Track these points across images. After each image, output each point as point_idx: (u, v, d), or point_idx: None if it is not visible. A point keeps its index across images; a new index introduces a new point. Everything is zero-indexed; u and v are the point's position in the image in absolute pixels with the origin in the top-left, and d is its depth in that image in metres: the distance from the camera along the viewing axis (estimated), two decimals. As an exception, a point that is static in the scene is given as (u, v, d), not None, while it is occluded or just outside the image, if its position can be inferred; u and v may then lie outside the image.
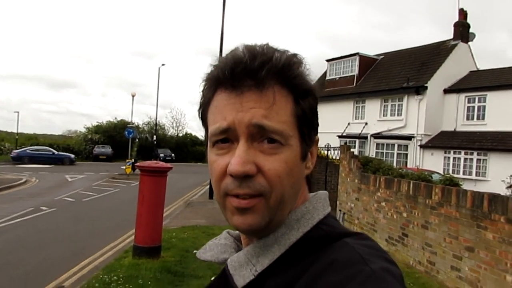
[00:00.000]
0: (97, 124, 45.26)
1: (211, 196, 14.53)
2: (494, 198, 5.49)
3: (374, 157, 14.47)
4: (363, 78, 26.34)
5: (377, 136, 23.60)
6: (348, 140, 24.26)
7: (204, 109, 0.75)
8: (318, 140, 0.78)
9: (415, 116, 21.58)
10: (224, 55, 0.73)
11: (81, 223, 10.56)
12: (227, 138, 0.69)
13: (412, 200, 7.45)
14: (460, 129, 20.94)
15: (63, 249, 7.92)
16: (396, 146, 22.63)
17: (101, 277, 5.80)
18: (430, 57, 23.14)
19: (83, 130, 45.56)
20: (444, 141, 20.86)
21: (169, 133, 50.24)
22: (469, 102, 21.00)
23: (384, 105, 23.76)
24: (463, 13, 23.47)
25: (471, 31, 23.53)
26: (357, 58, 26.69)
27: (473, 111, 20.78)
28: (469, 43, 23.47)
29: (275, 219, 0.69)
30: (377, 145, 23.68)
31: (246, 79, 0.67)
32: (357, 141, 24.38)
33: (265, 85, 0.67)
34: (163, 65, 54.19)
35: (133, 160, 25.94)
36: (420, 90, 21.36)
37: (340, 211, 10.85)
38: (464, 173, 19.29)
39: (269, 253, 0.70)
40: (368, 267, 0.59)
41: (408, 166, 19.40)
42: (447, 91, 21.78)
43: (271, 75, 0.68)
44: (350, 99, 25.80)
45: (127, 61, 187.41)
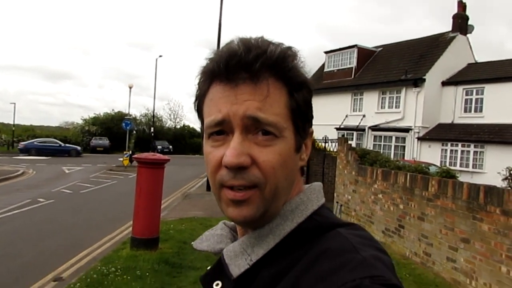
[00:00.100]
0: (94, 115, 45.20)
1: (209, 188, 14.48)
2: (490, 190, 5.52)
3: (371, 149, 14.48)
4: (361, 70, 26.28)
5: (374, 128, 23.62)
6: (346, 132, 24.29)
7: (199, 102, 0.75)
8: (312, 132, 0.79)
9: (413, 108, 21.58)
10: (221, 46, 0.74)
11: (79, 214, 10.57)
12: (222, 130, 0.69)
13: (408, 192, 7.49)
14: (457, 121, 20.96)
15: (61, 241, 7.94)
16: (393, 138, 22.66)
17: (99, 268, 5.83)
18: (428, 49, 23.09)
19: (80, 121, 45.49)
20: (441, 134, 20.90)
21: (167, 125, 50.15)
22: (467, 94, 21.00)
23: (382, 98, 23.76)
24: (462, 5, 23.39)
25: (469, 23, 23.49)
26: (355, 50, 26.61)
27: (471, 103, 20.79)
28: (468, 35, 23.44)
29: (270, 210, 0.70)
30: (375, 137, 23.71)
31: (240, 72, 0.68)
32: (355, 133, 24.41)
33: (260, 78, 0.68)
34: (161, 56, 54.14)
35: (130, 152, 25.91)
36: (418, 82, 21.35)
37: (337, 203, 10.90)
38: (461, 165, 19.36)
39: (264, 243, 0.71)
40: (359, 255, 0.61)
41: (405, 158, 19.45)
42: (445, 84, 21.78)
43: (266, 68, 0.68)
44: (348, 91, 25.77)
45: (124, 52, 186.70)
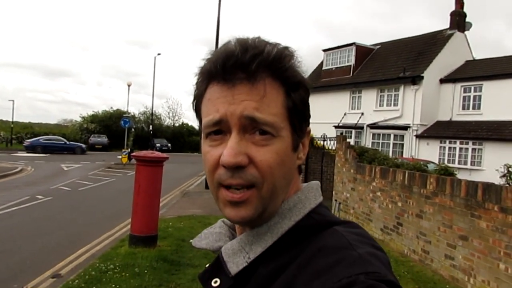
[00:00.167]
0: (92, 113, 45.18)
1: (207, 186, 14.43)
2: (488, 187, 5.53)
3: (370, 147, 14.50)
4: (359, 68, 26.27)
5: (373, 126, 23.63)
6: (344, 130, 24.28)
7: (197, 102, 0.76)
8: (309, 131, 0.79)
9: (411, 106, 21.59)
10: (219, 44, 0.74)
11: (78, 212, 10.58)
12: (219, 130, 0.70)
13: (407, 189, 7.50)
14: (455, 118, 20.97)
15: (59, 238, 7.94)
16: (392, 136, 22.67)
17: (98, 265, 5.83)
18: (426, 46, 23.09)
19: (79, 119, 45.49)
20: (439, 131, 20.91)
21: (166, 123, 50.06)
22: (465, 91, 21.01)
23: (380, 95, 23.76)
24: (459, 2, 23.38)
25: (467, 20, 23.47)
26: (354, 48, 26.59)
27: (469, 100, 20.80)
28: (466, 32, 23.43)
29: (268, 210, 0.71)
30: (373, 135, 23.72)
31: (237, 72, 0.68)
32: (353, 131, 24.43)
33: (257, 78, 0.68)
34: (159, 54, 53.81)
35: (129, 150, 25.90)
36: (416, 80, 21.36)
37: (336, 201, 10.91)
38: (459, 163, 19.38)
39: (262, 241, 0.72)
40: (355, 252, 0.62)
41: (403, 156, 19.45)
42: (443, 81, 21.79)
43: (262, 68, 0.69)
44: (346, 89, 25.76)
45: (123, 50, 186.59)
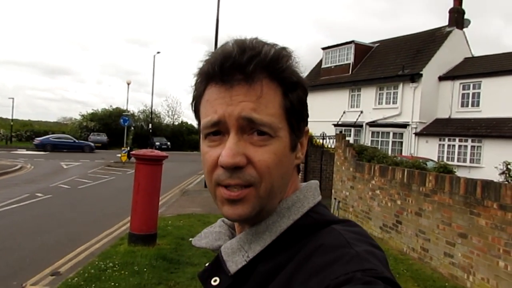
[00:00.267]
0: (92, 111, 45.22)
1: (207, 184, 14.52)
2: (487, 184, 5.54)
3: (369, 145, 14.51)
4: (358, 66, 26.26)
5: (372, 124, 23.64)
6: (343, 128, 24.27)
7: (196, 103, 0.77)
8: (308, 130, 0.80)
9: (410, 104, 21.59)
10: (219, 44, 0.75)
11: (77, 210, 10.59)
12: (218, 130, 0.70)
13: (406, 187, 7.51)
14: (454, 116, 20.98)
15: (59, 236, 7.95)
16: (391, 134, 22.68)
17: (97, 263, 5.84)
18: (425, 44, 23.08)
19: (78, 117, 45.61)
20: (438, 129, 20.92)
21: (165, 122, 50.14)
22: (463, 89, 21.01)
23: (379, 93, 23.75)
24: None
25: (466, 17, 23.45)
26: (353, 46, 26.57)
27: (468, 98, 20.79)
28: (464, 29, 23.40)
29: (265, 209, 0.71)
30: (373, 133, 23.73)
31: (235, 73, 0.69)
32: (353, 129, 24.42)
33: (254, 79, 0.69)
34: (158, 53, 53.89)
35: (128, 148, 25.93)
36: (415, 77, 21.35)
37: (335, 199, 10.92)
38: (458, 160, 19.38)
39: (260, 240, 0.72)
40: (352, 250, 0.62)
41: (403, 154, 19.46)
42: (442, 78, 21.78)
43: (260, 69, 0.69)
44: (345, 88, 25.76)
45: (122, 49, 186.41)
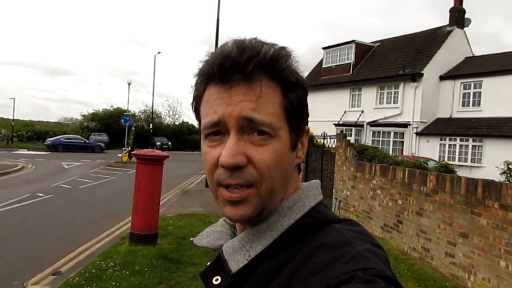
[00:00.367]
0: (93, 111, 45.31)
1: (208, 184, 14.53)
2: (488, 184, 5.53)
3: (370, 145, 14.49)
4: (359, 65, 26.24)
5: (373, 124, 23.62)
6: (344, 128, 24.23)
7: (196, 103, 0.77)
8: (308, 130, 0.80)
9: (411, 103, 21.58)
10: (219, 44, 0.75)
11: (78, 209, 10.60)
12: (218, 131, 0.71)
13: (407, 187, 7.50)
14: (455, 115, 20.96)
15: (60, 235, 7.95)
16: (392, 133, 22.66)
17: (98, 263, 5.85)
18: (426, 43, 23.06)
19: (79, 117, 45.71)
20: (439, 128, 20.90)
21: (166, 122, 50.20)
22: (464, 88, 20.99)
23: (380, 93, 23.74)
24: (458, -1, 23.33)
25: (466, 16, 23.42)
26: (353, 45, 26.54)
27: (469, 97, 20.77)
28: (465, 28, 23.37)
29: (267, 208, 0.71)
30: (373, 133, 23.71)
31: (234, 73, 0.69)
32: (354, 129, 24.39)
33: (253, 79, 0.69)
34: (159, 53, 53.86)
35: (129, 148, 25.95)
36: (416, 77, 21.33)
37: (336, 199, 10.91)
38: (459, 160, 19.37)
39: (262, 239, 0.72)
40: (353, 249, 0.62)
41: (404, 153, 19.45)
42: (442, 78, 21.77)
43: (259, 69, 0.69)
44: (346, 87, 25.74)
45: (123, 49, 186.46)
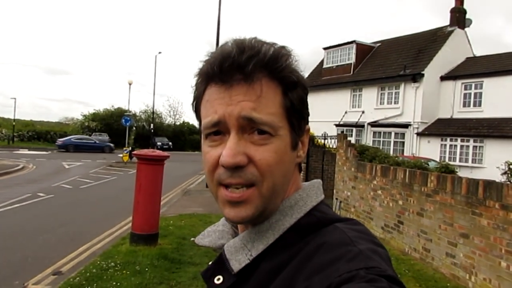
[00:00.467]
0: (94, 111, 45.33)
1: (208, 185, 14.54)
2: (489, 184, 5.52)
3: (370, 145, 14.49)
4: (360, 66, 26.22)
5: (374, 124, 23.59)
6: (345, 128, 24.24)
7: (197, 103, 0.77)
8: (309, 129, 0.80)
9: (412, 103, 21.54)
10: (220, 44, 0.75)
11: (79, 209, 10.61)
12: (218, 130, 0.71)
13: (408, 188, 7.49)
14: (456, 116, 20.92)
15: (60, 235, 7.96)
16: (393, 134, 22.63)
17: (99, 263, 5.85)
18: (427, 44, 23.03)
19: (80, 117, 45.72)
20: (440, 129, 20.87)
21: (167, 122, 50.18)
22: (465, 89, 20.94)
23: (381, 93, 23.71)
24: (459, -1, 23.31)
25: (467, 17, 23.38)
26: (354, 46, 26.52)
27: (470, 98, 20.73)
28: (466, 29, 23.35)
29: (268, 208, 0.71)
30: (374, 133, 23.68)
31: (234, 73, 0.69)
32: (354, 129, 24.38)
33: (253, 79, 0.69)
34: (160, 53, 54.04)
35: (130, 148, 25.97)
36: (417, 77, 21.30)
37: (336, 199, 10.91)
38: (460, 160, 19.34)
39: (263, 239, 0.72)
40: (355, 248, 0.62)
41: (404, 154, 19.44)
42: (443, 78, 21.73)
43: (259, 69, 0.69)
44: (347, 88, 25.72)
45: (124, 49, 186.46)
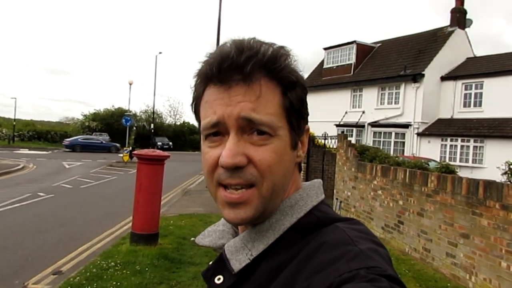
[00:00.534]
0: (94, 111, 45.30)
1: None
2: (489, 184, 5.52)
3: (371, 145, 14.48)
4: (360, 66, 26.21)
5: (374, 124, 23.58)
6: (345, 129, 24.22)
7: (196, 104, 0.77)
8: (308, 129, 0.80)
9: (412, 104, 21.53)
10: (220, 43, 0.75)
11: (79, 209, 10.60)
12: (218, 131, 0.71)
13: (408, 188, 7.49)
14: (457, 116, 20.90)
15: (60, 235, 7.97)
16: (393, 134, 22.62)
17: (99, 262, 5.85)
18: (427, 44, 23.02)
19: (81, 117, 45.67)
20: (441, 129, 20.86)
21: (167, 122, 50.16)
22: (466, 89, 20.93)
23: (381, 93, 23.70)
24: (459, -1, 23.29)
25: (468, 17, 23.37)
26: (354, 46, 26.50)
27: (470, 98, 20.72)
28: (466, 29, 23.32)
29: (268, 208, 0.71)
30: (374, 133, 23.67)
31: (233, 74, 0.69)
32: (355, 129, 24.37)
33: (252, 79, 0.69)
34: (160, 53, 53.98)
35: (130, 148, 25.97)
36: (417, 77, 21.30)
37: (337, 199, 10.90)
38: (460, 161, 19.33)
39: (264, 239, 0.72)
40: (356, 247, 0.62)
41: (405, 154, 19.42)
42: (444, 79, 21.72)
43: (258, 69, 0.69)
44: (347, 88, 25.71)
45: (124, 49, 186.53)
